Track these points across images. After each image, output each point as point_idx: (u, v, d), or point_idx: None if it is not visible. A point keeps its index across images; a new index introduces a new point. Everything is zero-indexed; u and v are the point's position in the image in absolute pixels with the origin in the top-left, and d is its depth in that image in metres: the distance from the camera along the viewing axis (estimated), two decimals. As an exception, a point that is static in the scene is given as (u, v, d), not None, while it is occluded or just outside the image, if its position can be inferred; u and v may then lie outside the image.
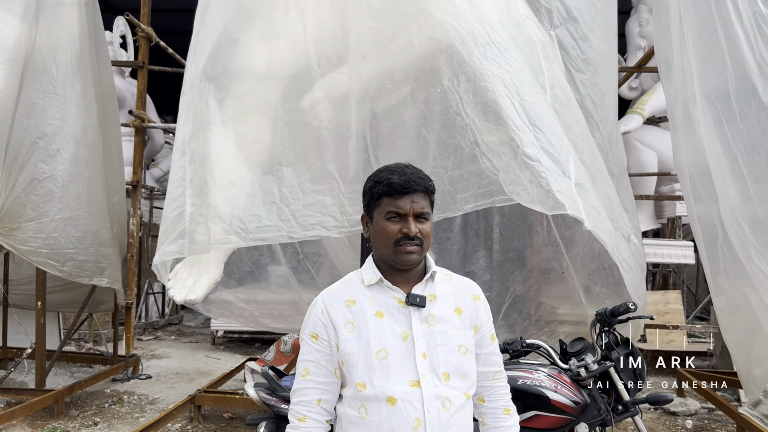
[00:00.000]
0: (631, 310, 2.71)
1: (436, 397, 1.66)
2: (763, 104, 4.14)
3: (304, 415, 1.74)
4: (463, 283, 1.86)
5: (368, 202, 1.80)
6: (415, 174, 1.76)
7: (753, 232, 4.32)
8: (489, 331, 1.84)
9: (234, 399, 5.01)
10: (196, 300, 3.98)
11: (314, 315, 1.77)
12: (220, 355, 8.14)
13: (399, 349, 1.69)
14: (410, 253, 1.71)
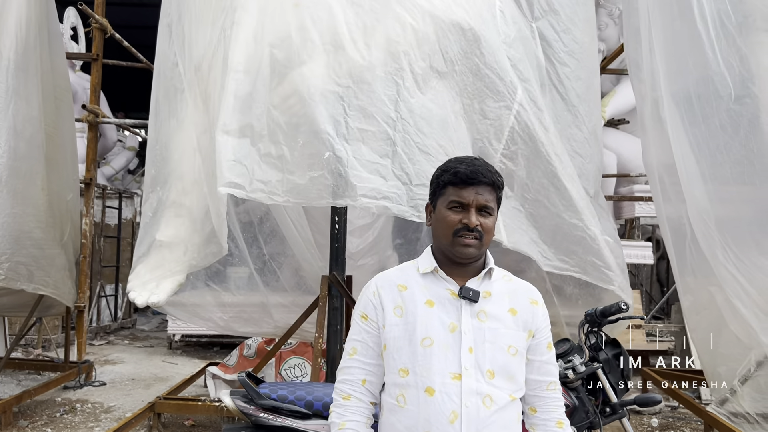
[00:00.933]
0: (623, 310, 2.67)
1: (477, 393, 1.63)
2: (724, 105, 4.17)
3: (349, 394, 1.74)
4: (522, 286, 1.82)
5: (433, 191, 1.80)
6: (483, 166, 1.74)
7: (719, 232, 4.36)
8: (545, 339, 1.79)
9: (196, 406, 4.81)
10: (159, 302, 3.78)
11: (366, 296, 1.78)
12: (177, 359, 7.87)
13: (445, 339, 1.67)
14: (468, 245, 1.70)
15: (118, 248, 10.76)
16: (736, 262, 4.30)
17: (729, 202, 4.28)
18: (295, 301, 5.05)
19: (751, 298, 4.25)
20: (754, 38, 3.98)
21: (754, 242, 4.29)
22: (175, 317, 6.30)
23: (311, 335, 5.05)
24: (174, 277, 3.91)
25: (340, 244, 4.58)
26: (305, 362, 5.28)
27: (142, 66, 8.36)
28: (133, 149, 15.05)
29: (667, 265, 10.89)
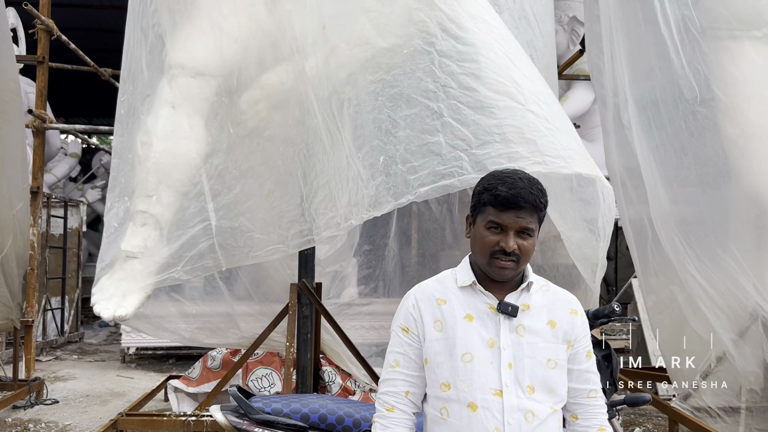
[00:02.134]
0: (616, 312, 2.70)
1: (518, 409, 1.65)
2: (690, 108, 4.29)
3: (393, 406, 1.75)
4: (561, 296, 1.81)
5: (474, 206, 1.78)
6: (525, 189, 1.68)
7: (680, 233, 4.48)
8: (585, 348, 1.79)
9: (161, 421, 4.62)
10: (126, 316, 3.62)
11: (405, 308, 1.79)
12: (132, 373, 7.59)
13: (485, 355, 1.68)
14: (504, 268, 1.69)
15: (64, 259, 10.32)
16: (696, 263, 4.42)
17: (692, 203, 4.40)
18: (262, 311, 4.94)
19: (710, 298, 4.38)
20: (719, 43, 4.11)
21: (716, 243, 4.42)
22: (138, 330, 6.07)
23: (278, 345, 4.94)
24: (141, 290, 3.76)
25: (309, 251, 4.50)
26: (273, 372, 5.17)
27: (89, 69, 8.07)
28: (76, 156, 14.52)
29: (615, 265, 11.19)
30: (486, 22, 3.24)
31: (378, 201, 3.05)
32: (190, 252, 3.64)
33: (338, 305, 5.19)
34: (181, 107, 3.88)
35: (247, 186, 3.68)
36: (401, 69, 3.24)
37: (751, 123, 4.15)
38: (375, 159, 3.11)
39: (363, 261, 5.18)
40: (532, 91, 3.09)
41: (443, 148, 2.98)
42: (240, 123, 3.81)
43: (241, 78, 3.90)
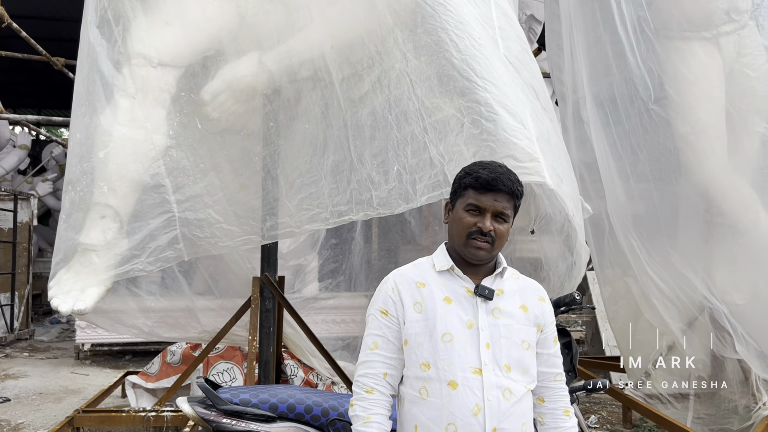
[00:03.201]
0: (577, 300, 2.78)
1: (497, 387, 1.72)
2: (644, 105, 4.43)
3: (372, 387, 1.78)
4: (530, 284, 1.92)
5: (454, 191, 1.87)
6: (505, 175, 1.80)
7: (635, 228, 4.63)
8: (552, 333, 1.89)
9: (120, 417, 4.55)
10: (86, 310, 3.54)
11: (384, 292, 1.84)
12: (87, 370, 7.42)
13: (464, 335, 1.74)
14: (480, 248, 1.77)
15: (14, 254, 9.99)
16: (647, 257, 4.58)
17: (646, 198, 4.55)
18: (224, 305, 4.89)
19: (660, 291, 4.53)
20: (671, 44, 4.24)
21: (666, 237, 4.59)
22: (95, 325, 5.94)
23: (240, 339, 4.91)
24: (101, 283, 3.69)
25: (272, 245, 4.48)
26: (234, 366, 5.14)
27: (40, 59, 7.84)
28: (25, 148, 14.07)
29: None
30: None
31: (389, 202, 3.25)
32: (153, 243, 3.61)
33: (303, 299, 5.18)
34: (141, 98, 3.82)
35: (216, 179, 3.68)
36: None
37: (701, 121, 4.30)
38: (390, 167, 3.27)
39: (330, 255, 5.19)
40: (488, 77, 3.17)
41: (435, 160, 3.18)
42: (206, 116, 3.79)
43: (206, 69, 3.86)
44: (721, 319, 4.32)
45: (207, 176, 3.67)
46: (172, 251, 3.59)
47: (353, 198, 3.35)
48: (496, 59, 3.24)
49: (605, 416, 5.42)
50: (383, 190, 3.28)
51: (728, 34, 4.15)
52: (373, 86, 3.44)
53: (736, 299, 4.26)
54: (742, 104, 4.22)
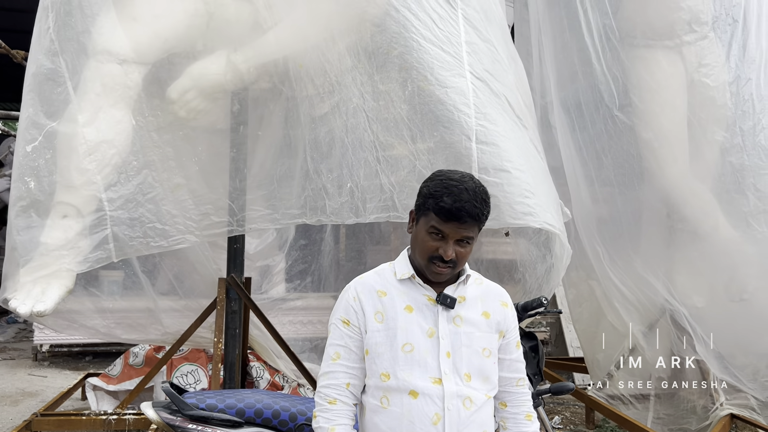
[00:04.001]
0: (544, 304, 2.82)
1: (457, 396, 1.71)
2: (609, 112, 4.52)
3: (335, 398, 1.77)
4: (493, 289, 1.89)
5: (419, 206, 1.81)
6: (469, 202, 1.70)
7: (599, 231, 4.72)
8: (514, 338, 1.88)
9: (80, 421, 4.44)
10: (46, 311, 3.45)
11: (346, 301, 1.82)
12: (45, 372, 7.23)
13: (424, 345, 1.73)
14: (440, 273, 1.75)
15: (-32, 251, 9.70)
16: (610, 261, 4.67)
17: (610, 202, 4.65)
18: (188, 305, 4.83)
19: (622, 294, 4.62)
20: (635, 52, 4.35)
21: (629, 241, 4.68)
22: (50, 327, 5.80)
23: (204, 341, 4.85)
24: (61, 282, 3.60)
25: (238, 245, 4.44)
26: (198, 369, 5.06)
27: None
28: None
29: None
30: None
31: (341, 213, 3.40)
32: (82, 242, 3.59)
33: (270, 300, 5.14)
34: (105, 94, 3.74)
35: (149, 177, 3.66)
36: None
37: (664, 128, 4.41)
38: (343, 183, 3.41)
39: (299, 256, 5.16)
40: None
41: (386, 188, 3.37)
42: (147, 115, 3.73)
43: (172, 66, 3.81)
44: (682, 321, 4.43)
45: (140, 174, 3.63)
46: (101, 251, 3.55)
47: (307, 204, 3.48)
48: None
49: (568, 417, 5.50)
50: (336, 202, 3.42)
51: (690, 44, 4.26)
52: (332, 109, 3.56)
53: (696, 302, 4.38)
54: (702, 113, 4.34)
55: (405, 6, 3.39)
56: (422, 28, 3.38)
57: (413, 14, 3.37)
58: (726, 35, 4.31)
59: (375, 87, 3.45)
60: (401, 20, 3.38)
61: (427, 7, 3.43)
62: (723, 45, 4.33)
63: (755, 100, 4.21)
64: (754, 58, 4.24)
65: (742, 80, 4.24)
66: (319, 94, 3.61)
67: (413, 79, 3.38)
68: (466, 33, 3.50)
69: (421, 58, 3.34)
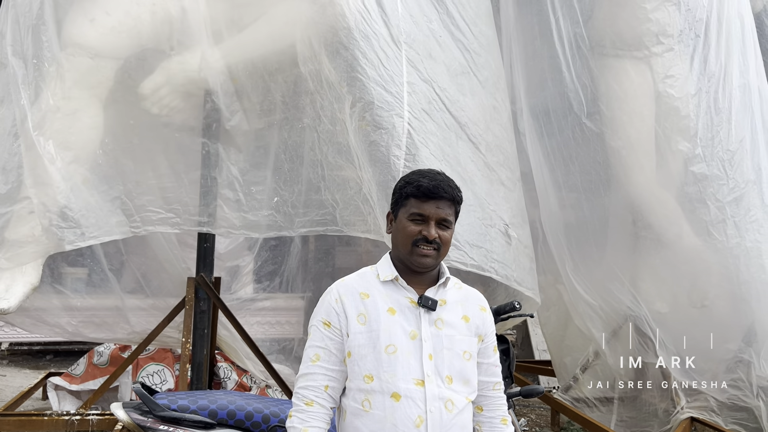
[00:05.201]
0: (516, 309, 2.86)
1: (439, 398, 1.73)
2: (577, 119, 4.59)
3: (312, 400, 1.76)
4: (472, 294, 1.93)
5: (395, 201, 1.87)
6: (445, 182, 1.83)
7: (566, 237, 4.79)
8: (492, 343, 1.91)
9: (42, 421, 4.33)
10: (10, 309, 3.38)
11: (328, 303, 1.82)
12: (4, 371, 7.06)
13: (407, 346, 1.75)
14: (426, 255, 1.79)
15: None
16: (573, 268, 4.73)
17: (577, 208, 4.71)
18: (155, 305, 4.77)
19: (585, 301, 4.70)
20: (604, 61, 4.43)
21: (594, 246, 4.75)
22: (14, 325, 5.65)
23: (171, 340, 4.80)
24: (26, 280, 3.54)
25: (208, 245, 4.41)
26: (165, 369, 5.01)
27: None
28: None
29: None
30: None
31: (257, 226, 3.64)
32: (13, 236, 3.52)
33: (240, 300, 5.11)
34: (76, 89, 3.68)
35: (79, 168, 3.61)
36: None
37: (631, 137, 4.50)
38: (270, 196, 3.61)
39: (269, 257, 5.14)
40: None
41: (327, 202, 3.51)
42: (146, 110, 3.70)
43: (143, 62, 3.76)
44: (644, 326, 4.53)
45: (69, 166, 3.55)
46: (31, 246, 3.48)
47: (217, 213, 3.64)
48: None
49: (534, 419, 5.58)
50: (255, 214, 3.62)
51: (657, 55, 4.36)
52: (270, 126, 3.70)
53: (660, 308, 4.48)
54: (666, 123, 4.43)
55: (354, 45, 3.48)
56: (368, 67, 3.48)
57: (361, 53, 3.47)
58: (689, 49, 4.41)
59: (334, 114, 3.55)
60: (349, 58, 3.48)
61: (375, 45, 3.53)
62: (686, 58, 4.44)
63: (713, 113, 4.32)
64: (713, 73, 4.35)
65: (702, 93, 4.35)
66: (255, 110, 3.72)
67: (356, 116, 3.48)
68: (408, 73, 3.59)
69: (363, 98, 3.45)
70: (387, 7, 3.59)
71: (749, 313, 4.19)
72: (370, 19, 3.56)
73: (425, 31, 3.76)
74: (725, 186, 4.17)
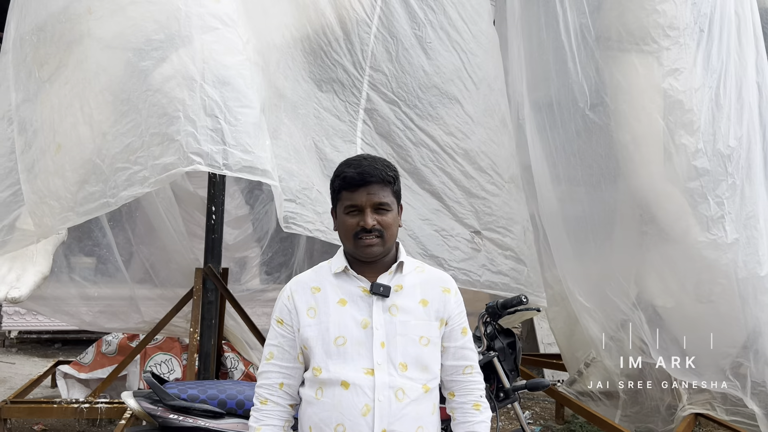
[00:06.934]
0: (524, 303, 2.88)
1: (389, 387, 1.70)
2: (581, 112, 4.54)
3: (266, 398, 1.79)
4: (435, 276, 1.88)
5: (332, 197, 1.85)
6: (370, 165, 1.78)
7: (565, 231, 4.74)
8: (459, 325, 1.86)
9: (51, 409, 4.40)
10: (21, 297, 3.43)
11: (281, 301, 1.82)
12: (14, 358, 7.13)
13: (357, 336, 1.73)
14: (370, 245, 1.75)
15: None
16: (570, 269, 4.69)
17: (577, 202, 4.64)
18: (164, 295, 4.83)
19: (580, 303, 4.67)
20: (610, 53, 4.39)
21: (594, 241, 4.68)
22: (35, 311, 5.72)
23: (179, 330, 4.85)
24: (37, 269, 3.58)
25: (216, 236, 4.45)
26: (172, 358, 5.05)
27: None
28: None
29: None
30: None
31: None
32: (2, 222, 3.41)
33: (249, 292, 5.15)
34: (79, 78, 3.64)
35: (40, 140, 3.31)
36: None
37: (638, 132, 4.45)
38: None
39: (279, 248, 5.17)
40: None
41: None
42: (43, 64, 3.49)
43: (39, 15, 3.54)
44: (641, 328, 4.49)
45: (37, 137, 3.35)
46: (18, 233, 3.39)
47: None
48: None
49: (538, 412, 5.61)
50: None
51: (665, 49, 4.32)
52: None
53: (665, 303, 4.46)
54: (671, 117, 4.37)
55: (311, 77, 3.54)
56: (324, 98, 3.55)
57: (316, 85, 3.53)
58: (693, 43, 4.38)
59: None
60: (307, 89, 3.54)
61: (332, 74, 3.60)
62: (690, 52, 4.41)
63: (714, 109, 4.27)
64: (715, 68, 4.30)
65: (705, 88, 4.31)
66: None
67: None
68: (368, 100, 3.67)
69: (318, 125, 3.52)
70: (355, 34, 3.67)
71: (749, 313, 4.15)
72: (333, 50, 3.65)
73: (408, 40, 3.77)
74: (724, 182, 4.14)
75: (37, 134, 3.36)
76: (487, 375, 2.86)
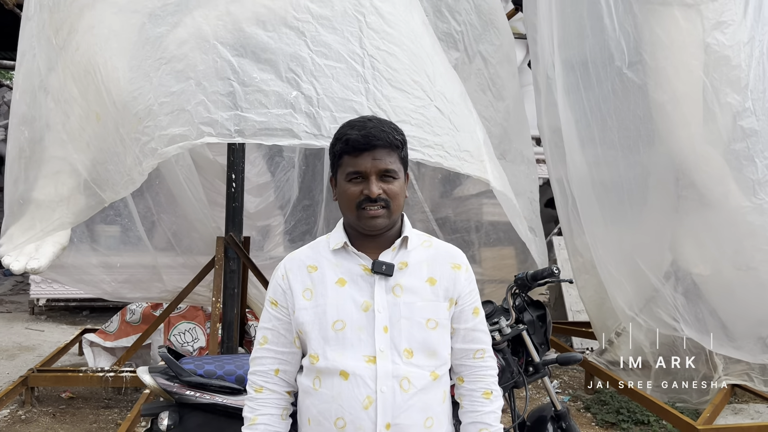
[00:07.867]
0: (555, 274, 2.73)
1: (393, 376, 1.54)
2: (617, 71, 4.30)
3: (261, 386, 1.66)
4: (444, 250, 1.70)
5: (332, 163, 1.66)
6: (376, 127, 1.58)
7: (596, 197, 4.54)
8: (470, 305, 1.69)
9: (77, 377, 4.43)
10: (40, 268, 3.40)
11: (275, 280, 1.67)
12: (42, 326, 7.22)
13: (358, 320, 1.57)
14: (375, 217, 1.58)
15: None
16: (602, 236, 4.50)
17: (613, 166, 4.45)
18: (186, 263, 4.77)
19: (605, 266, 4.49)
20: (649, 7, 4.11)
21: (630, 206, 4.47)
22: (55, 280, 5.73)
23: (202, 299, 4.81)
24: (55, 239, 3.53)
25: (237, 204, 4.36)
26: (196, 327, 5.03)
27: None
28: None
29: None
30: (409, 12, 3.35)
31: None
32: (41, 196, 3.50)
33: (273, 260, 5.07)
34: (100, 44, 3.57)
35: (76, 109, 3.34)
36: (329, 21, 3.15)
37: (677, 90, 4.21)
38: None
39: (302, 217, 5.06)
40: (441, 90, 3.24)
41: (364, 109, 2.99)
42: (58, 30, 3.48)
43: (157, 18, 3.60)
44: (674, 301, 4.32)
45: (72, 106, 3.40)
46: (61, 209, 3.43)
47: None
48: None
49: (567, 381, 5.50)
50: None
51: (710, 1, 4.06)
52: None
53: (702, 270, 4.29)
54: (715, 73, 4.12)
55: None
56: None
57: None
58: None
59: None
60: None
61: None
62: (740, 3, 4.13)
63: (766, 64, 4.03)
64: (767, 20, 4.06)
65: (755, 41, 4.04)
66: None
67: None
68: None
69: None
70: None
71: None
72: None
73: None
74: (775, 142, 3.92)
75: (70, 104, 3.34)
76: (515, 348, 2.74)
